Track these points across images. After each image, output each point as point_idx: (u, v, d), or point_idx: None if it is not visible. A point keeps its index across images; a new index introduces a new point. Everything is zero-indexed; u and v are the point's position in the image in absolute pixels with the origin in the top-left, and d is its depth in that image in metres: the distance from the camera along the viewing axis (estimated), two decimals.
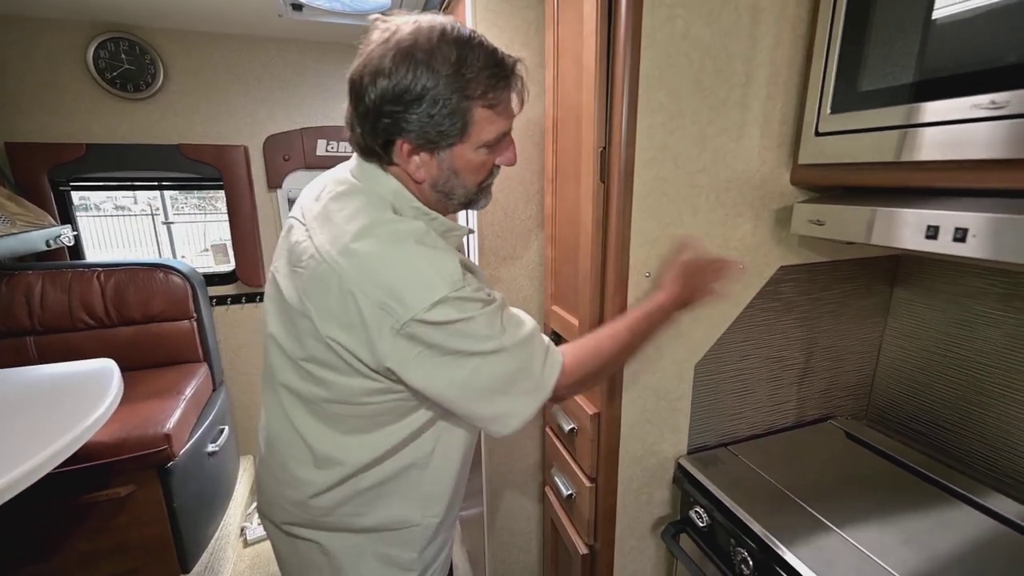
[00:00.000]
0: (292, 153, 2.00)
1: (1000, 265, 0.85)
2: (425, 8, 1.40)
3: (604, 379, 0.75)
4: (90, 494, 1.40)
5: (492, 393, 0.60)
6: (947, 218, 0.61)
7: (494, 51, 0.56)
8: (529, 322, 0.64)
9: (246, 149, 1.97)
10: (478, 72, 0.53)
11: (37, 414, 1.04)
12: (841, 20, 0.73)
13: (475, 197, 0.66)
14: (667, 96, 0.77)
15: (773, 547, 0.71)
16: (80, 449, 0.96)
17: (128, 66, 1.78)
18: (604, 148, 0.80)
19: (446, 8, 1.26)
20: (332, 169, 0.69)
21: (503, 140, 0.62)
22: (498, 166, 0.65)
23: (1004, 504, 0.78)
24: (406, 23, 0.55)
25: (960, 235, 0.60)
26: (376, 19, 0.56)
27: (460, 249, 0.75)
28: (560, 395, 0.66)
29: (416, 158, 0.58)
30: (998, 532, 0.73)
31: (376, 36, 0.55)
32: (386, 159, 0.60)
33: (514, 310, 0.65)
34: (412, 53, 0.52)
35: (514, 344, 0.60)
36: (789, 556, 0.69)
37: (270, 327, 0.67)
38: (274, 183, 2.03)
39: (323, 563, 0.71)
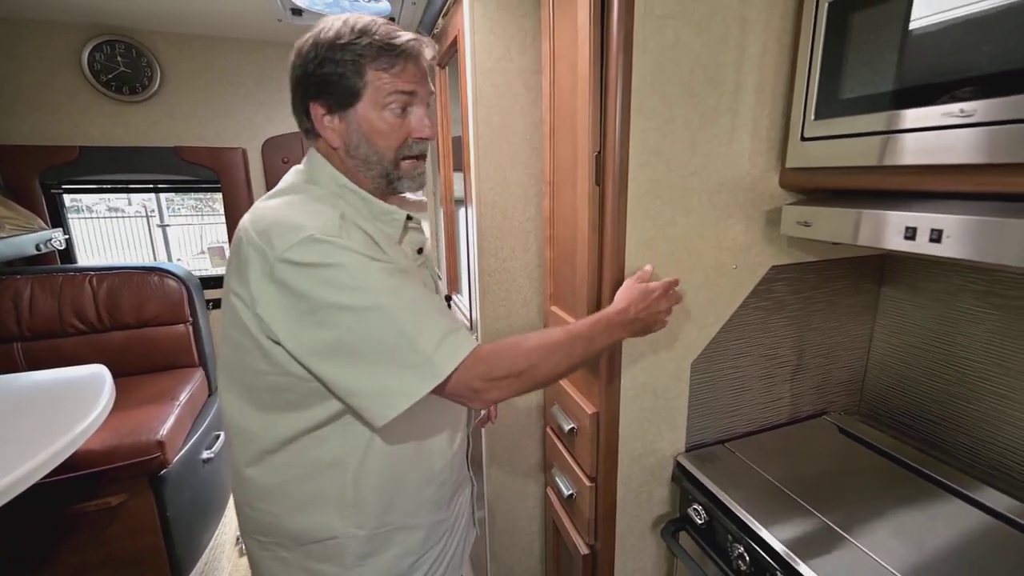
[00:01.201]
0: (291, 155, 2.01)
1: (977, 264, 0.89)
2: (425, 15, 1.43)
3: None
4: (79, 504, 1.37)
5: (367, 360, 0.55)
6: (923, 220, 0.64)
7: (392, 32, 0.62)
8: (431, 295, 0.60)
9: (244, 151, 1.97)
10: (371, 42, 0.60)
11: (25, 422, 1.03)
12: (822, 31, 0.76)
13: (393, 171, 0.66)
14: (659, 102, 0.80)
15: (769, 542, 0.73)
16: (70, 457, 0.95)
17: (124, 69, 1.77)
18: (599, 152, 0.83)
19: (445, 15, 1.29)
20: None
21: (410, 108, 0.64)
22: (418, 140, 0.66)
23: (990, 496, 0.81)
24: (337, 19, 0.63)
25: (935, 236, 0.63)
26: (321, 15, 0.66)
27: (422, 244, 0.74)
28: (473, 388, 0.58)
29: (328, 121, 0.63)
30: (985, 523, 0.76)
31: (312, 31, 0.63)
32: (312, 131, 0.66)
33: (426, 291, 0.60)
34: (321, 35, 0.62)
35: (396, 305, 0.55)
36: (784, 551, 0.70)
37: None
38: (273, 185, 2.02)
39: None
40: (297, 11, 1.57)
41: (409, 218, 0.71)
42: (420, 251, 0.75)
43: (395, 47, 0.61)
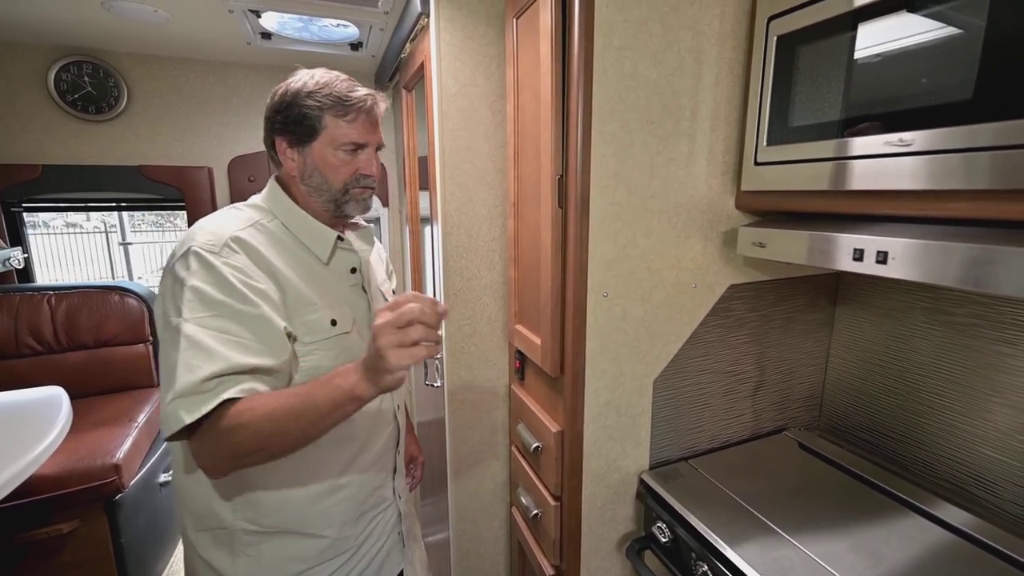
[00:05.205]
0: (258, 174, 2.00)
1: (924, 283, 0.93)
2: (392, 40, 1.46)
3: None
4: (29, 532, 1.30)
5: (163, 377, 0.60)
6: (870, 242, 0.67)
7: (351, 87, 0.72)
8: (238, 346, 0.58)
9: (210, 170, 1.96)
10: (331, 93, 0.70)
11: None
12: (772, 63, 0.81)
13: (341, 197, 0.74)
14: (619, 128, 0.82)
15: (732, 560, 0.73)
16: (21, 484, 0.91)
17: (90, 89, 1.76)
18: (562, 175, 0.85)
19: (413, 40, 1.31)
20: None
21: (360, 152, 0.73)
22: (365, 175, 0.74)
23: (945, 510, 0.83)
24: (307, 73, 0.73)
25: (881, 258, 0.66)
26: (296, 68, 0.75)
27: (355, 265, 0.78)
28: (197, 452, 0.58)
29: (289, 152, 0.73)
30: (940, 538, 0.78)
31: (286, 80, 0.73)
32: (276, 159, 0.75)
33: (268, 335, 0.61)
34: (291, 85, 0.72)
35: (188, 336, 0.57)
36: (747, 569, 0.71)
37: None
38: (238, 202, 2.01)
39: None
40: (266, 35, 1.59)
41: (340, 239, 0.77)
42: (354, 271, 0.79)
43: (350, 99, 0.71)
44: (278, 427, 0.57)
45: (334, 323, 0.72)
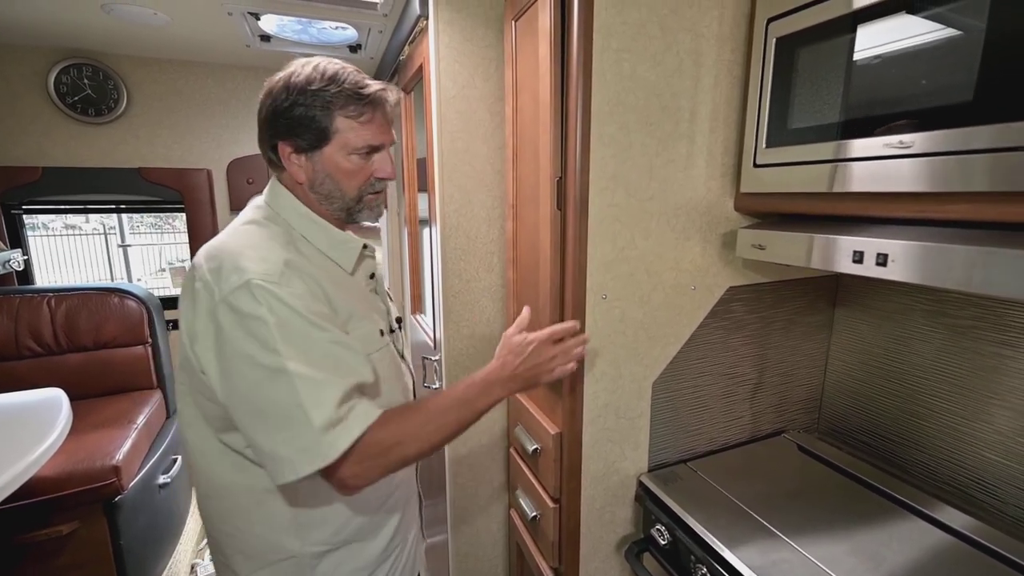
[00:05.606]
0: (257, 176, 2.01)
1: (925, 284, 0.92)
2: (391, 43, 1.46)
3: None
4: (28, 533, 1.30)
5: (267, 421, 0.56)
6: (870, 244, 0.67)
7: (361, 81, 0.65)
8: (346, 354, 0.60)
9: (209, 172, 1.98)
10: (341, 90, 0.63)
11: None
12: (771, 65, 0.81)
13: (354, 205, 0.70)
14: (618, 130, 0.82)
15: (732, 563, 0.73)
16: (20, 485, 0.91)
17: (90, 91, 1.77)
18: (560, 177, 0.85)
19: (411, 43, 1.31)
20: None
21: (375, 154, 0.68)
22: (380, 179, 0.70)
23: (946, 513, 0.83)
24: (307, 64, 0.65)
25: (881, 260, 0.66)
26: (292, 58, 0.68)
27: (374, 270, 0.78)
28: (353, 473, 0.58)
29: (295, 159, 0.66)
30: (940, 541, 0.77)
31: (283, 72, 0.66)
32: (278, 164, 0.68)
33: (351, 355, 0.61)
34: (292, 79, 0.64)
35: (301, 372, 0.55)
36: (746, 571, 0.71)
37: None
38: (237, 205, 2.03)
39: None
40: (265, 37, 1.60)
41: (364, 246, 0.74)
42: (372, 276, 0.78)
43: (363, 96, 0.64)
44: (446, 434, 0.66)
45: (382, 333, 0.71)
